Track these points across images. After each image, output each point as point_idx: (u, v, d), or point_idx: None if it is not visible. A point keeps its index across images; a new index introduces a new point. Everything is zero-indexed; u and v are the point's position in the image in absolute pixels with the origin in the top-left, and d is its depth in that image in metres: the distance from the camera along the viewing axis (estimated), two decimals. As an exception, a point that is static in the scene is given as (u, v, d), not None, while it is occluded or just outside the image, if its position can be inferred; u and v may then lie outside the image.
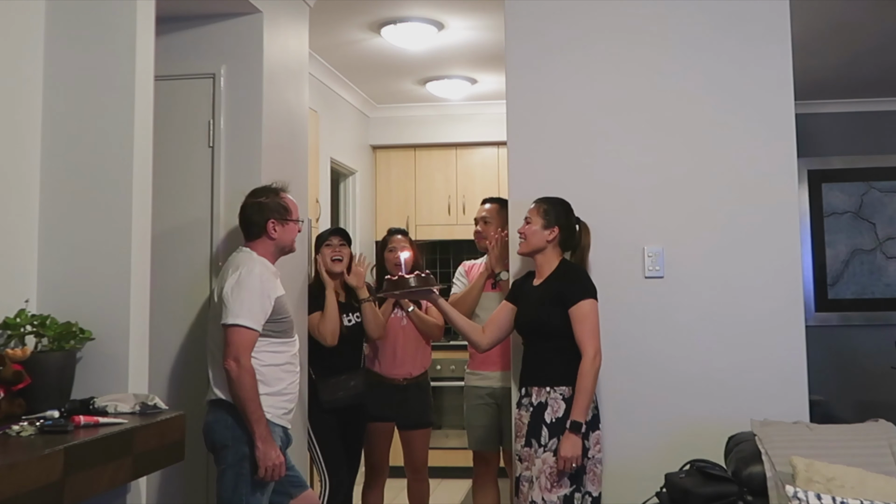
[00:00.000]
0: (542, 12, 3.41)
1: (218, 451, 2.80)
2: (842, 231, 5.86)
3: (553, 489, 2.80)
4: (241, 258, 2.88)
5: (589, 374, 2.82)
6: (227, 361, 2.69)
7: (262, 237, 2.93)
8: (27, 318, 2.34)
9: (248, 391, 2.69)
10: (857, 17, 4.21)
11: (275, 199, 2.96)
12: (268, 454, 2.71)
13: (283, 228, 2.94)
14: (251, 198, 2.99)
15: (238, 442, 2.75)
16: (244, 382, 2.69)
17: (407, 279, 3.04)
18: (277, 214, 2.93)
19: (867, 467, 2.39)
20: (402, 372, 3.87)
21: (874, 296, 5.80)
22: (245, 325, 2.71)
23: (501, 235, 3.60)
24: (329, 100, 5.50)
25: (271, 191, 3.01)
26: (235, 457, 2.74)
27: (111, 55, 2.60)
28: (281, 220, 2.94)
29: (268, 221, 2.91)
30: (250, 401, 2.70)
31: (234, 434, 2.75)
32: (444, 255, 6.67)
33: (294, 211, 3.00)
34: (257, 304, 2.75)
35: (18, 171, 2.52)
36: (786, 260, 3.21)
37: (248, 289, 2.75)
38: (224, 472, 2.77)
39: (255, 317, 2.74)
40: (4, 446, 1.93)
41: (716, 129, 3.29)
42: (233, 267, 2.83)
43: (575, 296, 2.90)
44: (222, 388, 2.79)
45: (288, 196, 3.02)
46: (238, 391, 2.69)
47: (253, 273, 2.79)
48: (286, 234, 2.96)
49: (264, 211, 2.93)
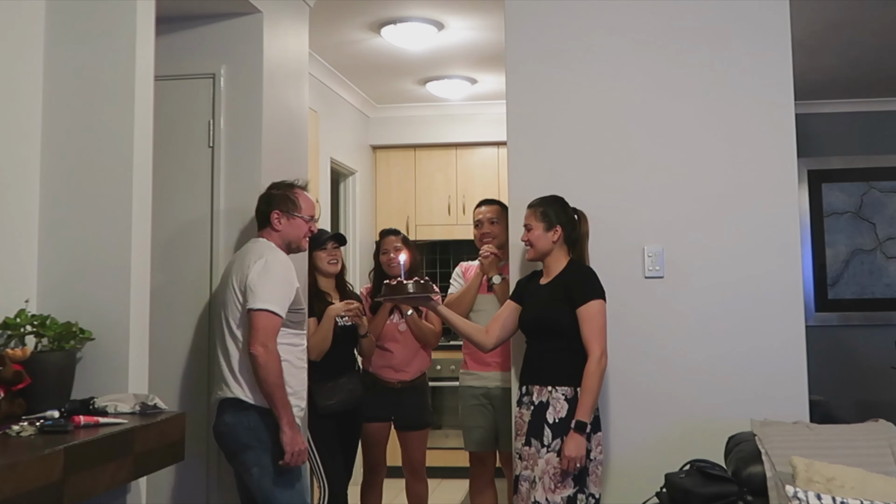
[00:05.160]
0: (542, 12, 3.41)
1: (240, 452, 2.77)
2: (842, 231, 5.86)
3: (557, 490, 2.80)
4: (262, 246, 2.87)
5: (595, 374, 2.82)
6: (255, 346, 2.66)
7: (267, 228, 2.94)
8: (27, 318, 2.34)
9: (276, 377, 2.68)
10: (857, 17, 4.21)
11: (285, 191, 2.97)
12: (294, 440, 2.71)
13: (288, 222, 2.94)
14: (267, 189, 3.02)
15: (262, 443, 2.73)
16: (272, 368, 2.67)
17: (406, 285, 3.03)
18: (283, 207, 2.93)
19: (867, 467, 2.39)
20: (398, 376, 3.87)
21: (874, 296, 5.80)
22: (273, 311, 2.70)
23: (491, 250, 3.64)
24: (329, 100, 5.50)
25: (285, 184, 3.02)
26: (258, 457, 2.73)
27: (111, 55, 2.60)
28: (286, 213, 2.93)
29: (272, 211, 2.92)
30: (278, 386, 2.68)
31: (259, 436, 2.74)
32: (443, 256, 6.68)
33: (305, 208, 2.98)
34: (283, 291, 2.76)
35: (18, 171, 2.52)
36: (786, 260, 3.21)
37: (275, 274, 2.75)
38: (251, 474, 2.75)
39: (281, 303, 2.74)
40: (4, 446, 1.93)
41: (716, 128, 3.29)
42: (254, 254, 2.82)
43: (584, 296, 2.90)
44: (242, 387, 2.76)
45: (302, 193, 3.02)
46: (267, 376, 2.67)
47: (279, 260, 2.81)
48: (292, 229, 2.95)
49: (271, 201, 2.94)
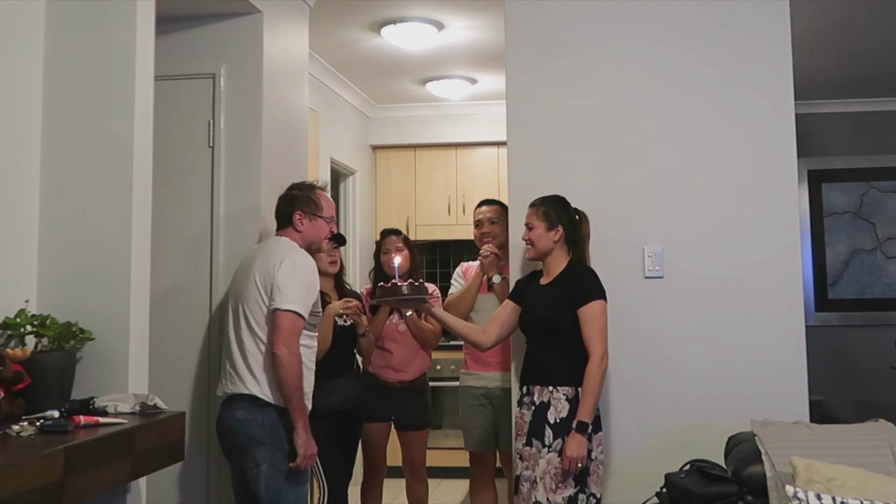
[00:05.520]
0: (542, 12, 3.41)
1: (251, 448, 2.73)
2: (842, 231, 5.86)
3: (558, 490, 2.79)
4: (287, 246, 2.86)
5: (596, 374, 2.82)
6: (279, 347, 2.65)
7: (288, 228, 2.93)
8: (27, 318, 2.34)
9: (297, 378, 2.68)
10: (857, 17, 4.21)
11: (307, 192, 2.97)
12: (309, 443, 2.71)
13: (310, 223, 2.94)
14: (287, 189, 3.02)
15: (275, 441, 2.71)
16: (294, 369, 2.67)
17: (400, 287, 3.03)
18: (306, 207, 2.93)
19: (867, 467, 2.38)
20: (398, 376, 3.87)
21: (874, 296, 5.80)
22: (298, 312, 2.70)
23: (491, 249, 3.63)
24: (329, 100, 5.50)
25: (307, 185, 3.02)
26: (271, 455, 2.71)
27: (111, 55, 2.60)
28: (309, 214, 2.93)
29: (295, 213, 2.91)
30: (298, 388, 2.69)
31: (272, 434, 2.72)
32: (443, 256, 6.68)
33: (326, 209, 2.98)
34: (308, 294, 2.76)
35: (18, 171, 2.52)
36: (786, 260, 3.21)
37: (302, 276, 2.75)
38: (259, 471, 2.71)
39: (305, 305, 2.74)
40: (4, 446, 1.93)
41: (716, 128, 3.29)
42: (279, 253, 2.80)
43: (585, 296, 2.90)
44: (259, 384, 2.73)
45: (324, 194, 3.02)
46: (288, 378, 2.66)
47: (306, 261, 2.81)
48: (313, 230, 2.95)
49: (294, 202, 2.94)
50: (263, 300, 2.76)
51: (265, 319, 2.76)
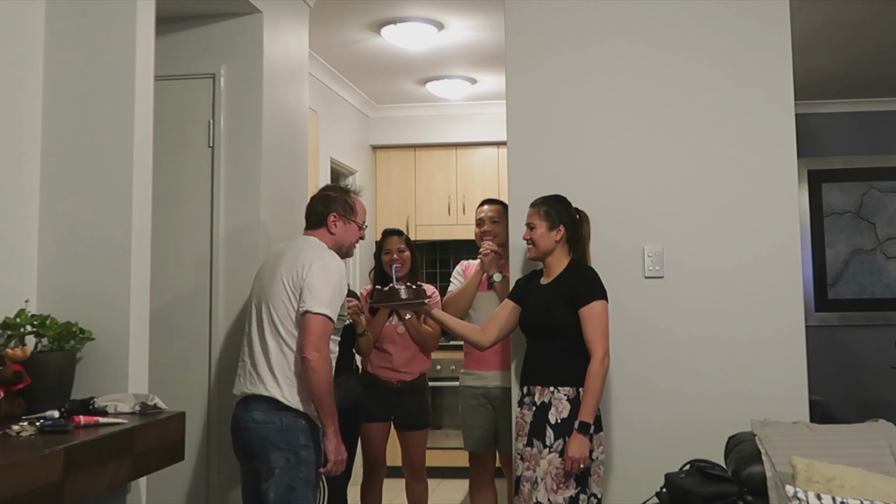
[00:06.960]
0: (542, 12, 3.41)
1: (266, 451, 2.68)
2: (842, 231, 5.86)
3: (559, 490, 2.79)
4: (317, 247, 2.82)
5: (598, 375, 2.82)
6: (309, 350, 2.60)
7: (321, 229, 2.90)
8: (27, 318, 2.34)
9: (328, 383, 2.64)
10: (857, 17, 4.21)
11: (343, 195, 2.95)
12: (339, 448, 2.70)
13: (344, 227, 2.91)
14: (322, 190, 3.01)
15: (291, 446, 2.66)
16: (325, 374, 2.63)
17: (398, 290, 3.02)
18: (342, 210, 2.91)
19: (867, 467, 2.39)
20: (398, 376, 3.87)
21: (874, 296, 5.80)
22: (329, 316, 2.66)
23: (491, 247, 3.63)
24: (329, 100, 5.50)
25: (342, 189, 3.01)
26: (286, 459, 2.66)
27: (111, 55, 2.60)
28: (343, 217, 2.91)
29: (330, 214, 2.89)
30: (328, 393, 2.64)
31: (289, 439, 2.66)
32: (443, 256, 6.68)
33: (360, 214, 2.97)
34: (337, 297, 2.73)
35: (18, 171, 2.52)
36: (786, 260, 3.21)
37: (334, 280, 2.72)
38: (273, 475, 2.66)
39: (335, 309, 2.71)
40: (4, 446, 1.93)
41: (716, 128, 3.29)
42: (309, 254, 2.76)
43: (586, 296, 2.90)
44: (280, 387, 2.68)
45: (358, 199, 3.00)
46: (319, 382, 2.62)
47: (337, 264, 2.77)
48: (346, 234, 2.92)
49: (329, 203, 2.91)
50: (291, 301, 2.71)
51: (292, 321, 2.72)
